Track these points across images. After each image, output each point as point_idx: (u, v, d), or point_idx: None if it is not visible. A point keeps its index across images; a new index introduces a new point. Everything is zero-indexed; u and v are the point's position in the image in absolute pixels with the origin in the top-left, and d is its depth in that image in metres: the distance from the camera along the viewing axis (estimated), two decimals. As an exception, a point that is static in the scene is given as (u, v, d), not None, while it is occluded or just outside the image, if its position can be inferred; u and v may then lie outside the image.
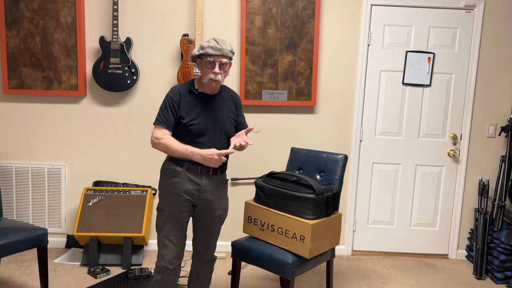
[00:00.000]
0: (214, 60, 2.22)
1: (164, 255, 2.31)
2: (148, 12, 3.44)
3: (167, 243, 2.30)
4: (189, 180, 2.29)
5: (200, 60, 2.27)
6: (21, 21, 3.36)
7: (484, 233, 3.38)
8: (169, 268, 2.30)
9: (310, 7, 3.39)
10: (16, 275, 3.12)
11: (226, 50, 2.23)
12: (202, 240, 2.45)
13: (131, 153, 3.57)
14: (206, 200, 2.35)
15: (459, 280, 3.31)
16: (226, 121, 2.36)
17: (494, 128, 3.58)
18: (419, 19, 3.48)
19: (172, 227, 2.30)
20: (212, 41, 2.22)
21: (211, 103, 2.32)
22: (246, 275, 3.25)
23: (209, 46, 2.21)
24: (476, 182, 3.63)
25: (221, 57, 2.22)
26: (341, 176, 2.80)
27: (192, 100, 2.29)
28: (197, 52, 2.26)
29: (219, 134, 2.33)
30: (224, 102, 2.38)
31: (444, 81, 3.55)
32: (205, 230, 2.44)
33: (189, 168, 2.29)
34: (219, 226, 2.49)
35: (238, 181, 3.60)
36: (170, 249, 2.30)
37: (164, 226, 2.31)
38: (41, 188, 3.58)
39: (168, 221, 2.30)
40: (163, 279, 2.32)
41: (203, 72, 2.26)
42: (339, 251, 3.70)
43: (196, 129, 2.27)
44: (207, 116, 2.30)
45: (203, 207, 2.37)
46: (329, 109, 3.57)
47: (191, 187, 2.30)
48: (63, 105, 3.52)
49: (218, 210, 2.42)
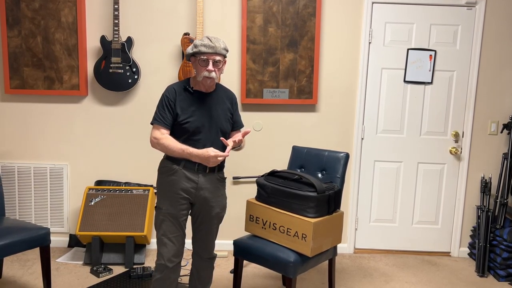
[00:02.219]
0: (207, 58, 2.24)
1: (163, 253, 2.31)
2: (149, 11, 3.44)
3: (166, 241, 2.31)
4: (186, 178, 2.30)
5: (194, 59, 2.29)
6: (22, 21, 3.36)
7: (486, 231, 3.37)
8: (168, 266, 2.31)
9: (311, 5, 3.38)
10: (19, 274, 3.13)
11: (219, 48, 2.24)
12: (201, 238, 2.46)
13: (132, 152, 3.58)
14: (203, 198, 2.35)
15: (461, 278, 3.31)
16: (222, 119, 2.38)
17: (496, 126, 3.57)
18: (421, 17, 3.47)
19: (170, 225, 2.31)
20: (205, 39, 2.25)
21: (206, 101, 2.34)
22: (248, 273, 3.25)
23: (202, 44, 2.23)
24: (478, 180, 3.62)
25: (214, 54, 2.24)
26: (342, 174, 2.80)
27: (188, 98, 2.31)
28: (191, 50, 2.28)
29: (215, 132, 2.34)
30: (219, 100, 2.40)
31: (446, 78, 3.54)
32: (203, 229, 2.44)
33: (186, 166, 2.30)
34: (217, 224, 2.49)
35: (239, 179, 3.60)
36: (168, 247, 2.31)
37: (162, 224, 2.32)
38: (43, 188, 3.58)
39: (166, 219, 2.31)
40: (163, 277, 2.32)
41: (197, 70, 2.28)
42: (341, 249, 3.70)
43: (192, 126, 2.28)
44: (202, 114, 2.31)
45: (200, 205, 2.38)
46: (331, 107, 3.56)
47: (188, 185, 2.31)
48: (65, 105, 3.53)
49: (216, 208, 2.42)
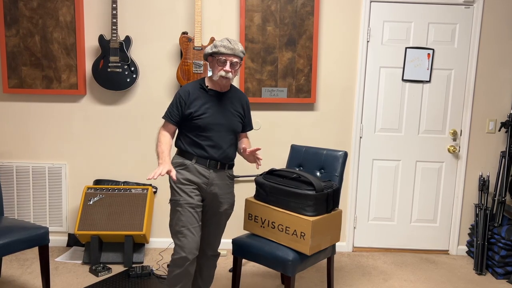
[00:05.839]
0: (226, 59, 2.30)
1: (184, 245, 2.26)
2: (147, 10, 3.44)
3: (186, 233, 2.27)
4: (198, 172, 2.34)
5: (212, 58, 2.35)
6: (21, 20, 3.36)
7: (484, 229, 3.38)
8: (189, 258, 2.26)
9: (309, 4, 3.38)
10: (18, 274, 3.13)
11: (238, 50, 2.32)
12: (207, 234, 2.47)
13: (131, 152, 3.58)
14: (214, 194, 2.39)
15: (460, 276, 3.32)
16: (234, 119, 2.43)
17: (494, 124, 3.58)
18: (419, 15, 3.48)
19: (190, 215, 2.30)
20: (225, 40, 2.31)
21: (220, 100, 2.40)
22: (247, 272, 3.26)
23: (222, 45, 2.30)
24: (476, 178, 3.63)
25: (232, 56, 2.31)
26: (341, 172, 2.80)
27: (203, 97, 2.37)
28: (210, 50, 2.34)
29: (226, 130, 2.39)
30: (233, 100, 2.46)
31: (444, 77, 3.55)
32: (211, 225, 2.46)
33: (198, 161, 2.35)
34: (225, 221, 2.52)
35: (238, 178, 3.60)
36: (189, 238, 2.27)
37: (181, 216, 2.30)
38: (42, 187, 3.58)
39: (185, 209, 2.30)
40: (183, 272, 2.28)
41: (214, 69, 2.35)
42: (340, 248, 3.70)
43: (204, 122, 2.32)
44: (216, 112, 2.36)
45: (210, 201, 2.41)
46: (329, 106, 3.57)
47: (200, 180, 2.34)
48: (63, 104, 3.53)
49: (225, 205, 2.45)
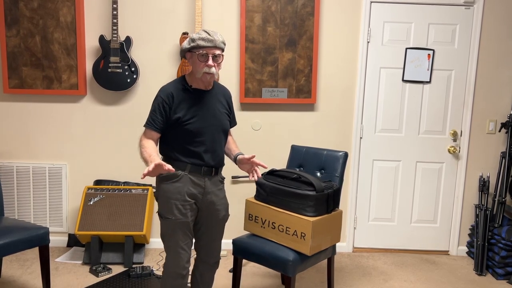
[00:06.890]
0: (207, 53, 2.09)
1: (178, 262, 2.20)
2: (147, 10, 3.44)
3: (179, 251, 2.19)
4: (192, 183, 2.19)
5: (191, 54, 2.14)
6: (21, 21, 3.36)
7: (484, 229, 3.38)
8: (182, 273, 2.22)
9: (310, 5, 3.39)
10: (18, 274, 3.13)
11: (218, 41, 2.11)
12: (208, 243, 2.35)
13: (131, 152, 3.58)
14: (210, 202, 2.27)
15: (460, 276, 3.32)
16: (223, 117, 2.29)
17: (494, 124, 3.58)
18: (419, 16, 3.48)
19: (183, 234, 2.19)
20: (203, 32, 2.10)
21: (206, 99, 2.22)
22: (247, 272, 3.25)
23: (201, 38, 2.08)
24: (476, 179, 3.63)
25: (214, 48, 2.10)
26: (341, 173, 2.80)
27: (188, 98, 2.17)
28: (188, 45, 2.12)
29: (217, 131, 2.24)
30: (219, 97, 2.30)
31: (444, 77, 3.55)
32: (211, 234, 2.34)
33: (192, 170, 2.19)
34: (224, 227, 2.41)
35: (239, 179, 3.60)
36: (182, 255, 2.20)
37: (174, 234, 2.19)
38: (42, 187, 3.58)
39: (178, 228, 2.18)
40: (177, 284, 2.23)
41: (196, 66, 2.13)
42: (340, 248, 3.70)
43: (194, 127, 2.16)
44: (204, 114, 2.20)
45: (207, 210, 2.28)
46: (329, 106, 3.57)
47: (195, 191, 2.20)
48: (64, 104, 3.53)
49: (222, 211, 2.34)
